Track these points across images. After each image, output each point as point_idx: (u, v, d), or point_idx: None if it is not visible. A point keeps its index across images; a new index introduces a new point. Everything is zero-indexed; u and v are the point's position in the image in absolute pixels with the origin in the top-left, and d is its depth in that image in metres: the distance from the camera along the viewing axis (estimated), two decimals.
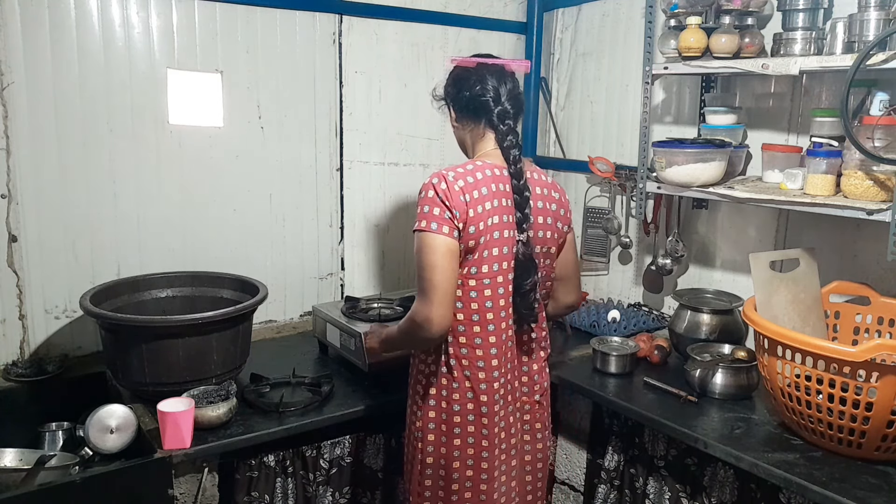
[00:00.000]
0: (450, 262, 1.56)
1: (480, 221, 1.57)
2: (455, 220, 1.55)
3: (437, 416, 1.68)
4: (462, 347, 1.64)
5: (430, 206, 1.56)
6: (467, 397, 1.65)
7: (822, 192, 1.86)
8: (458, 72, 1.76)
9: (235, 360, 1.98)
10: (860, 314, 1.94)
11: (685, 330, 2.21)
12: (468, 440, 1.66)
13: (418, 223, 1.57)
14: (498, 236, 1.61)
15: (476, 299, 1.62)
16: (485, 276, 1.61)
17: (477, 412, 1.65)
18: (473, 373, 1.64)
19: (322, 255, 2.64)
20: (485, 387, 1.65)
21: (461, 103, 1.72)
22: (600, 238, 2.81)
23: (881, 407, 1.52)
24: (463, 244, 1.58)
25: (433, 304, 1.56)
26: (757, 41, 2.06)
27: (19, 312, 2.12)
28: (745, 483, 1.73)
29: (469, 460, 1.66)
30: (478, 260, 1.60)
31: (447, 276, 1.56)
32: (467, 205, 1.56)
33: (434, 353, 1.68)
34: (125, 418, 1.71)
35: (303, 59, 2.46)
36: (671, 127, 2.53)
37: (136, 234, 2.25)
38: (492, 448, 1.67)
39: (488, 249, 1.60)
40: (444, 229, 1.55)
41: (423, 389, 1.70)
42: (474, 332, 1.63)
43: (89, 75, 2.11)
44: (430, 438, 1.68)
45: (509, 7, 2.93)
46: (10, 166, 2.04)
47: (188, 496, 1.72)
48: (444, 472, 1.68)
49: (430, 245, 1.55)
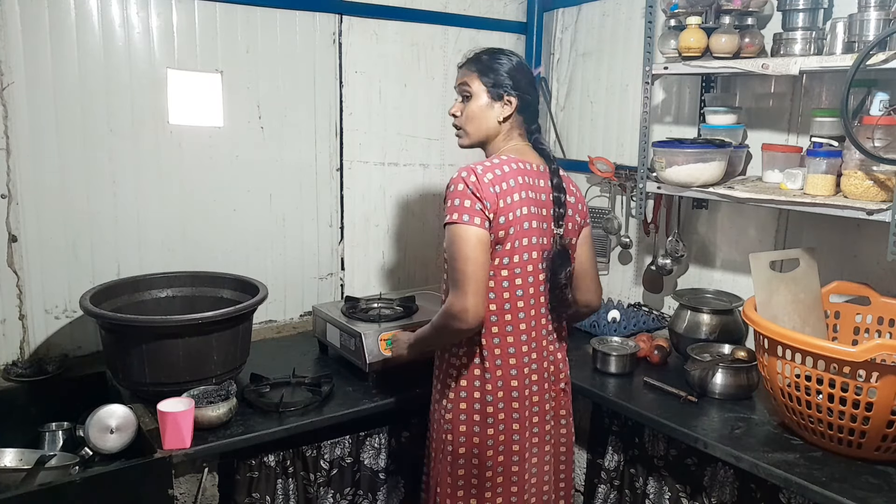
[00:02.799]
0: (483, 253, 1.59)
1: (510, 212, 1.61)
2: (486, 210, 1.59)
3: (469, 407, 1.70)
4: (494, 337, 1.68)
5: (460, 199, 1.59)
6: (498, 385, 1.68)
7: (822, 192, 1.86)
8: (525, 70, 1.77)
9: (235, 360, 1.98)
10: (860, 314, 1.94)
11: (685, 330, 2.21)
12: (500, 427, 1.69)
13: (449, 216, 1.59)
14: (528, 227, 1.64)
15: (508, 289, 1.66)
16: (516, 265, 1.65)
17: (508, 398, 1.69)
18: (505, 360, 1.68)
19: (322, 255, 2.64)
20: (515, 372, 1.69)
21: (526, 99, 1.74)
22: (600, 238, 2.81)
23: (881, 407, 1.52)
24: (493, 234, 1.61)
25: (468, 294, 1.58)
26: (757, 41, 2.06)
27: (19, 312, 2.12)
28: (745, 483, 1.73)
29: (501, 446, 1.69)
30: (509, 251, 1.63)
31: (480, 266, 1.59)
32: (497, 196, 1.60)
33: (466, 346, 1.70)
34: (125, 418, 1.72)
35: (303, 59, 2.46)
36: (671, 127, 2.53)
37: (136, 233, 2.25)
38: (522, 432, 1.71)
39: (519, 240, 1.64)
40: (476, 220, 1.58)
41: (454, 381, 1.72)
42: (506, 320, 1.67)
43: (89, 75, 2.11)
44: (462, 429, 1.70)
45: (509, 7, 2.93)
46: (11, 166, 2.04)
47: (188, 496, 1.72)
48: (476, 461, 1.70)
49: (462, 237, 1.58)
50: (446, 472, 1.73)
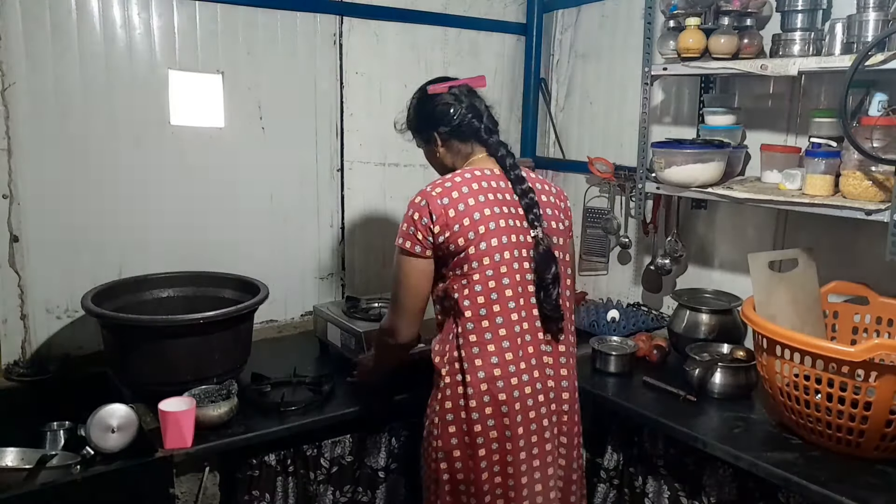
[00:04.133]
0: (420, 281, 1.65)
1: (466, 217, 1.60)
2: (433, 237, 1.60)
3: (458, 430, 1.63)
4: (473, 346, 1.61)
5: (408, 225, 1.63)
6: (484, 401, 1.60)
7: (820, 192, 1.87)
8: (433, 100, 1.77)
9: (236, 359, 1.98)
10: (859, 314, 1.95)
11: (684, 330, 2.21)
12: (492, 446, 1.61)
13: (397, 238, 1.66)
14: (494, 227, 1.61)
15: (482, 292, 1.60)
16: (487, 267, 1.60)
17: (497, 414, 1.60)
18: (489, 371, 1.60)
19: (323, 255, 2.64)
20: (502, 384, 1.60)
21: (449, 129, 1.74)
22: (600, 238, 2.82)
23: (880, 406, 1.52)
24: (449, 246, 1.60)
25: (399, 317, 1.70)
26: (756, 42, 2.07)
27: (21, 312, 2.13)
28: (744, 482, 1.73)
29: (496, 467, 1.62)
30: (475, 254, 1.59)
31: (414, 294, 1.67)
32: (445, 207, 1.60)
33: (448, 365, 1.65)
34: (126, 418, 1.72)
35: (303, 60, 2.47)
36: (670, 127, 2.54)
37: (138, 234, 2.26)
38: (516, 452, 1.62)
39: (486, 241, 1.60)
40: (417, 249, 1.62)
41: (440, 405, 1.66)
42: (483, 327, 1.61)
43: (91, 76, 2.11)
44: (456, 455, 1.63)
45: (509, 8, 2.93)
46: (12, 166, 2.04)
47: (189, 495, 1.73)
48: (474, 489, 1.62)
49: (403, 265, 1.65)
50: (443, 502, 1.67)
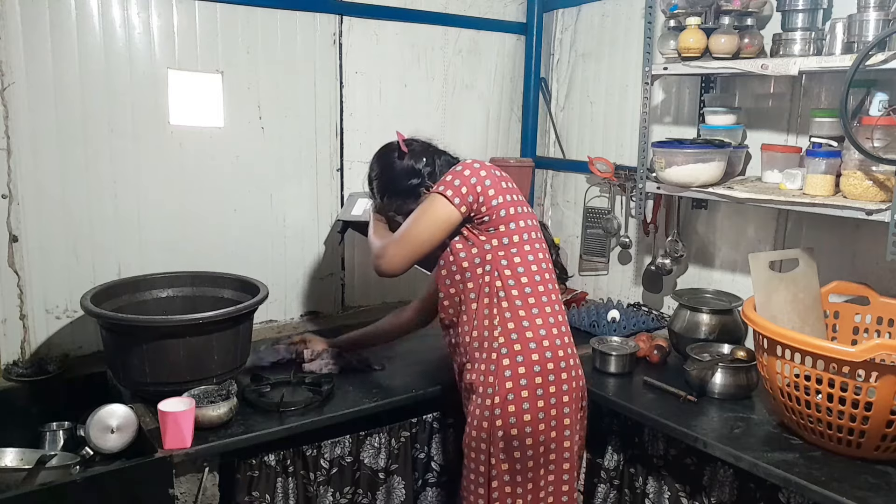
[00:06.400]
0: (440, 229, 1.72)
1: (503, 200, 1.74)
2: (477, 200, 1.70)
3: (515, 385, 1.69)
4: (512, 311, 1.72)
5: (459, 181, 1.70)
6: (533, 360, 1.71)
7: (821, 192, 1.86)
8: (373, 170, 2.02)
9: (236, 359, 1.98)
10: (859, 314, 1.94)
11: (684, 330, 2.21)
12: (550, 401, 1.71)
13: (437, 187, 1.72)
14: (520, 210, 1.78)
15: (517, 254, 1.74)
16: (513, 233, 1.74)
17: (544, 372, 1.71)
18: (535, 332, 1.72)
19: (322, 255, 2.64)
20: (548, 343, 1.73)
21: (393, 198, 1.94)
22: (600, 238, 2.82)
23: (880, 407, 1.52)
24: (489, 216, 1.72)
25: (399, 246, 1.75)
26: (756, 42, 2.06)
27: (20, 312, 2.12)
28: (745, 482, 1.73)
29: (553, 421, 1.72)
30: (505, 219, 1.73)
31: (428, 238, 1.72)
32: (492, 187, 1.72)
33: (500, 327, 1.73)
34: (126, 418, 1.72)
35: (303, 60, 2.47)
36: (671, 127, 2.54)
37: (137, 234, 2.26)
38: (571, 404, 1.75)
39: (515, 212, 1.75)
40: (456, 200, 1.69)
41: (494, 363, 1.72)
42: (513, 295, 1.73)
43: (90, 75, 2.11)
44: (511, 409, 1.69)
45: (509, 8, 2.93)
46: (11, 166, 2.04)
47: (189, 496, 1.72)
48: (530, 441, 1.70)
49: (437, 210, 1.70)
50: (500, 461, 1.71)
